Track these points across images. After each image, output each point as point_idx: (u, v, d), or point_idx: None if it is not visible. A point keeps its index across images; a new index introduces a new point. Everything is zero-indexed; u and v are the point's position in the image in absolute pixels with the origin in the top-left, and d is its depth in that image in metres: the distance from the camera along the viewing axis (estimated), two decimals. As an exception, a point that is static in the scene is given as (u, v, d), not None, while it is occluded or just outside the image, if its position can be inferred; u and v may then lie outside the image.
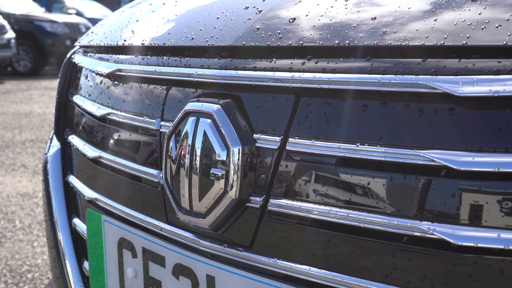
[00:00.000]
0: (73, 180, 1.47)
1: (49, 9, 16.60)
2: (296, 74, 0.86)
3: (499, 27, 0.72)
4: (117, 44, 1.33)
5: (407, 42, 0.77)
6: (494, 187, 0.68)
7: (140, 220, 1.15)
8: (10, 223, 3.75)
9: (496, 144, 0.68)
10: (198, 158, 0.95)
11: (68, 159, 1.56)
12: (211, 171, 0.93)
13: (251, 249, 0.94)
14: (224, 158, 0.92)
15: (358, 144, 0.79)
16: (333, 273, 0.82)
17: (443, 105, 0.73)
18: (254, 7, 1.06)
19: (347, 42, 0.84)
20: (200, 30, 1.11)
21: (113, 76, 1.30)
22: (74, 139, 1.48)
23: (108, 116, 1.28)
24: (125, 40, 1.30)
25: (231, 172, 0.91)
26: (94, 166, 1.34)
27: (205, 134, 0.95)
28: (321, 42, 0.87)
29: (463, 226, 0.70)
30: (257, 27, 0.99)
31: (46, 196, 1.56)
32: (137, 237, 1.16)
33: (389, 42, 0.79)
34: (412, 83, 0.74)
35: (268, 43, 0.94)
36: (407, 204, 0.75)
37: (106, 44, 1.38)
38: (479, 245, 0.68)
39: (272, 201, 0.89)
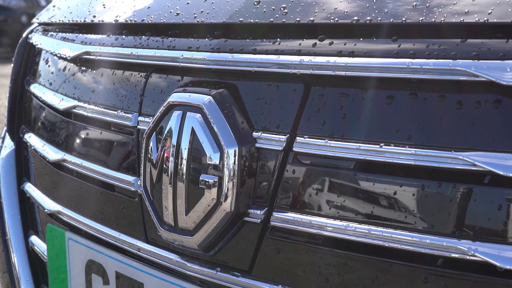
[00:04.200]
0: (30, 188, 1.47)
1: (0, -22, 16.59)
2: (306, 58, 0.86)
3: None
4: (84, 20, 1.33)
5: (442, 19, 0.77)
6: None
7: (113, 238, 1.15)
8: (-48, 241, 3.74)
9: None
10: (184, 162, 0.95)
11: (24, 162, 1.56)
12: (200, 178, 0.93)
13: (250, 273, 0.94)
14: (217, 162, 0.92)
15: (382, 144, 0.79)
16: (351, 303, 0.83)
17: (487, 96, 0.73)
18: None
19: (368, 18, 0.84)
20: (187, 3, 1.11)
21: (80, 61, 1.30)
22: (31, 138, 1.48)
23: (74, 110, 1.28)
24: (94, 16, 1.30)
25: (226, 179, 0.91)
26: (56, 171, 1.34)
27: (193, 132, 0.95)
28: (336, 19, 0.87)
29: (512, 245, 0.70)
30: (257, 0, 0.99)
31: (-3, 208, 1.56)
32: (109, 259, 1.16)
33: (420, 18, 0.79)
34: (449, 69, 0.74)
35: (271, 19, 0.94)
36: (443, 219, 0.75)
37: (71, 21, 1.38)
38: (532, 269, 0.68)
39: (275, 214, 0.89)
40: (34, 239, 1.45)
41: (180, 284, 1.02)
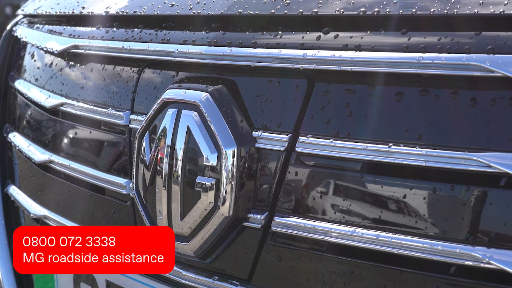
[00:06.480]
0: (14, 191, 1.47)
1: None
2: (309, 52, 0.86)
3: None
4: (73, 12, 1.33)
5: (455, 10, 0.77)
6: None
7: (104, 244, 1.15)
8: None
9: None
10: (179, 163, 0.95)
11: (8, 164, 1.56)
12: (196, 180, 0.93)
13: (250, 282, 0.93)
14: (214, 163, 0.92)
15: (390, 144, 0.79)
16: (357, 314, 0.83)
17: (503, 93, 0.72)
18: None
19: (376, 9, 0.84)
20: (183, -6, 1.12)
21: (68, 55, 1.30)
22: (16, 138, 1.47)
23: (61, 108, 1.28)
24: (83, 7, 1.30)
25: (223, 181, 0.91)
26: (42, 173, 1.34)
27: (188, 131, 0.95)
28: (342, 10, 0.87)
29: (530, 252, 0.70)
30: (258, -10, 0.99)
31: (-21, 213, 1.56)
32: (99, 267, 1.16)
33: (432, 10, 0.79)
34: (462, 64, 0.74)
35: (272, 11, 0.94)
36: (456, 224, 0.75)
37: (58, 13, 1.38)
38: (551, 277, 0.68)
39: (277, 219, 0.89)
40: (19, 245, 1.45)
41: (175, 293, 1.03)
